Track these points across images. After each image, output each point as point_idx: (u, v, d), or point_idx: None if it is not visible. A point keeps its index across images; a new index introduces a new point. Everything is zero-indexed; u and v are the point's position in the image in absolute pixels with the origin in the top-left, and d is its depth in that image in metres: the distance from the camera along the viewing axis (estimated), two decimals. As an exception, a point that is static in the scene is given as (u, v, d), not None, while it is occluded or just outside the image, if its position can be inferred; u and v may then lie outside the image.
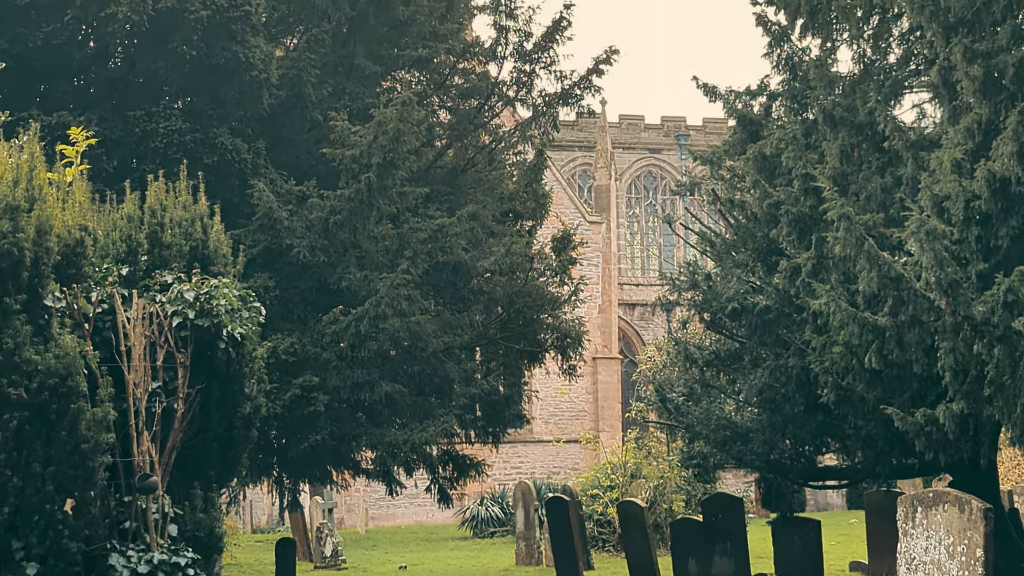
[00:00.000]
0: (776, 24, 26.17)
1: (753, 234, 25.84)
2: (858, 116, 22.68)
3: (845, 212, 19.94)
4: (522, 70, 30.64)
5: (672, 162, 78.36)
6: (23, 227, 14.68)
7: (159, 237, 18.19)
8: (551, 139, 31.62)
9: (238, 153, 25.52)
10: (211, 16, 24.74)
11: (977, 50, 19.39)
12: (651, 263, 78.01)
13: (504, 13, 30.50)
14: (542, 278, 30.10)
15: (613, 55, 30.29)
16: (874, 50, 24.30)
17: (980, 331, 18.56)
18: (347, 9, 28.16)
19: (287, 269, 25.55)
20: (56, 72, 25.75)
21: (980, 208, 19.01)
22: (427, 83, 30.63)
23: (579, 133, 73.57)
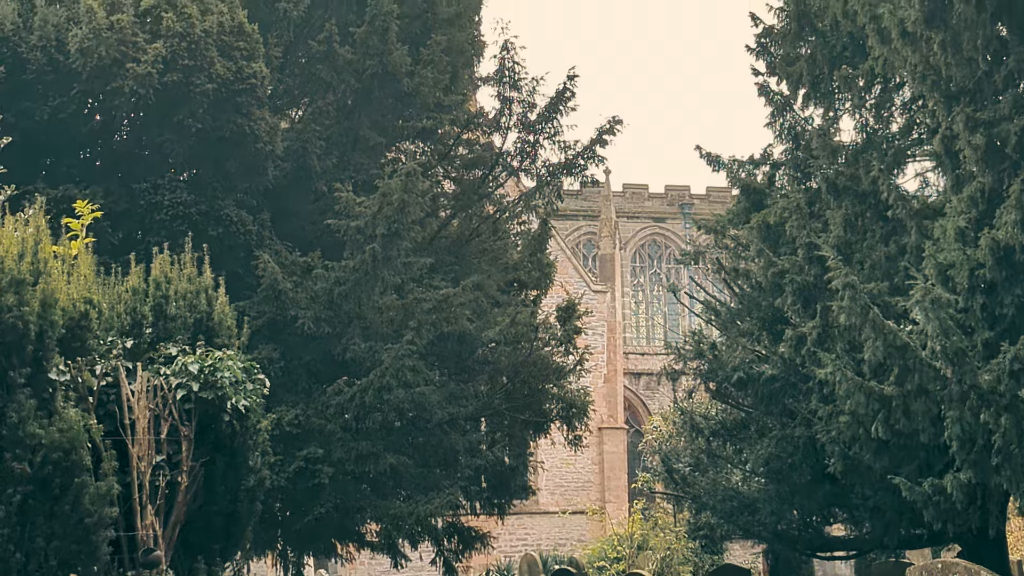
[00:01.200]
0: (778, 94, 26.36)
1: (758, 303, 25.85)
2: (861, 185, 22.74)
3: (850, 281, 19.95)
4: (526, 140, 30.75)
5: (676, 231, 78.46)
6: (28, 301, 14.68)
7: (164, 309, 18.19)
8: (555, 208, 31.67)
9: (243, 225, 25.59)
10: (217, 89, 24.93)
11: (979, 119, 19.47)
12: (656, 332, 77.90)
13: (508, 84, 30.66)
14: (547, 348, 30.01)
15: (616, 125, 30.40)
16: (876, 119, 24.44)
17: (987, 400, 18.49)
18: (352, 81, 28.35)
19: (292, 340, 25.53)
20: (62, 145, 25.89)
21: (985, 276, 19.01)
22: (431, 154, 30.74)
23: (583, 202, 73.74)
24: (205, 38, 24.97)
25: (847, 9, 22.75)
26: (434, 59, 29.38)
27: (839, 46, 24.63)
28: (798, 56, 25.61)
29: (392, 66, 28.28)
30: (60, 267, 15.85)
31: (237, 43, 25.57)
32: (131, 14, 24.97)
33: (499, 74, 30.71)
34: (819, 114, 25.49)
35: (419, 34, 30.13)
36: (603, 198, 71.56)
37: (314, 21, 28.78)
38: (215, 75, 24.94)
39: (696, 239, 63.04)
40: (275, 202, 27.24)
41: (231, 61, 25.35)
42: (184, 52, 24.78)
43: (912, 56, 20.15)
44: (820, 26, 25.04)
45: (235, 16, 25.72)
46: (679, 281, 75.10)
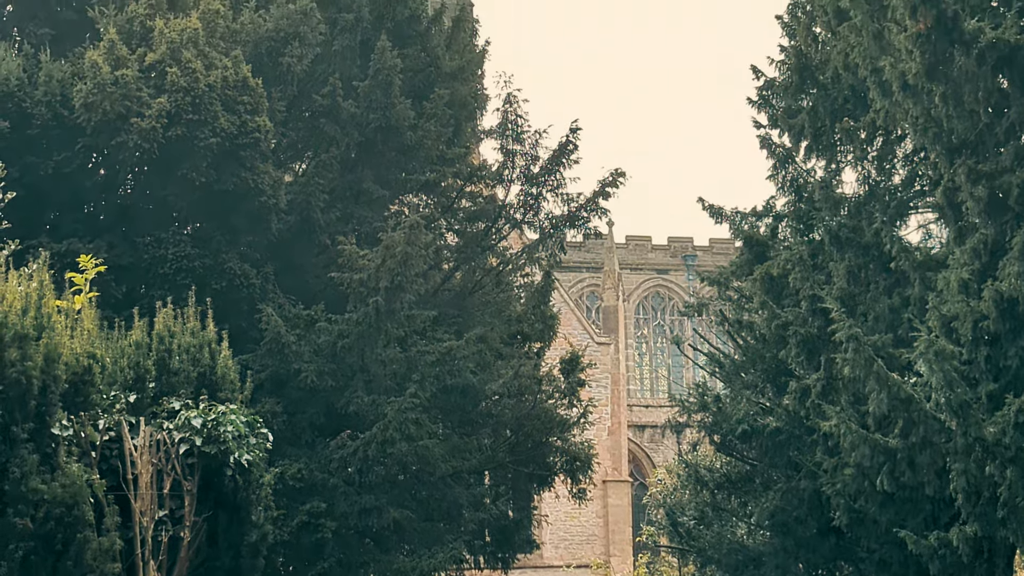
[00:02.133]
0: (780, 146, 26.43)
1: (762, 355, 25.82)
2: (864, 237, 22.77)
3: (853, 333, 19.94)
4: (529, 193, 30.83)
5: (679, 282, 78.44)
6: (31, 356, 14.68)
7: (167, 364, 18.18)
8: (558, 261, 31.71)
9: (247, 278, 25.61)
10: (220, 143, 25.01)
11: (981, 171, 19.51)
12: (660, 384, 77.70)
13: (511, 137, 30.78)
14: (551, 400, 29.97)
15: (619, 178, 30.47)
16: (879, 171, 24.50)
17: (992, 452, 18.43)
18: (355, 135, 28.45)
19: (295, 394, 25.48)
20: (66, 199, 25.96)
21: (988, 328, 18.99)
22: (435, 206, 30.81)
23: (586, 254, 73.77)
24: (209, 92, 25.08)
25: (848, 62, 22.85)
26: (437, 112, 29.50)
27: (840, 99, 24.72)
28: (800, 109, 25.71)
29: (395, 119, 28.40)
30: (64, 321, 15.86)
31: (241, 97, 25.68)
32: (136, 69, 25.09)
33: (502, 127, 30.84)
34: (821, 166, 25.56)
35: (422, 87, 30.27)
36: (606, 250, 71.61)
37: (318, 75, 28.91)
38: (219, 129, 25.03)
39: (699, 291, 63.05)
40: (279, 255, 27.27)
41: (235, 115, 25.45)
42: (188, 106, 24.88)
43: (913, 108, 20.21)
44: (821, 79, 25.15)
45: (239, 71, 25.84)
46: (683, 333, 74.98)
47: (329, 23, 29.00)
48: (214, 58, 25.75)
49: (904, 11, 19.50)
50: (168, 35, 25.46)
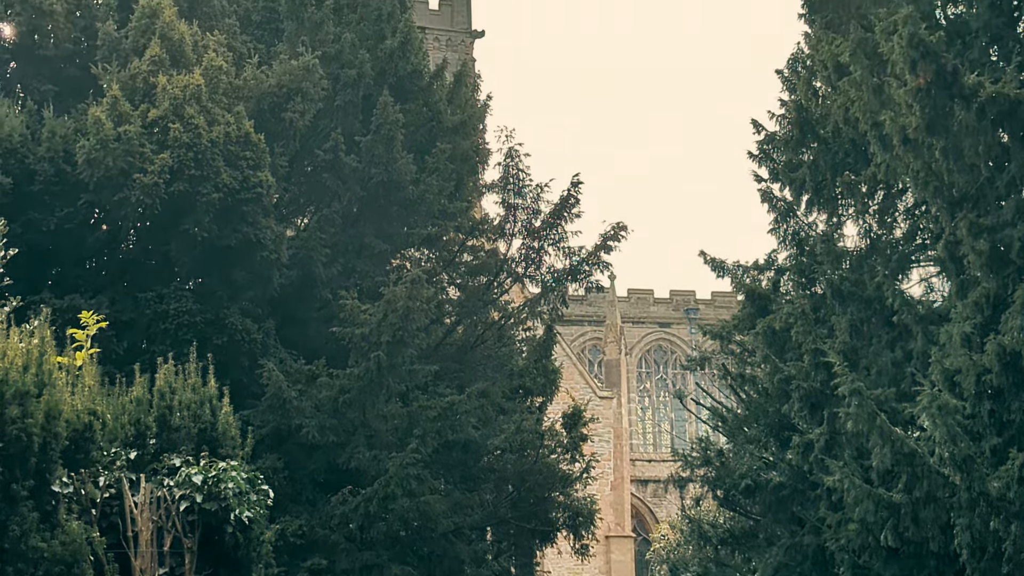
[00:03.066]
0: (781, 200, 26.43)
1: (765, 409, 25.72)
2: (866, 291, 22.73)
3: (856, 387, 19.87)
4: (531, 247, 30.88)
5: (682, 336, 78.41)
6: (32, 412, 14.62)
7: (168, 420, 18.12)
8: (560, 314, 31.73)
9: (248, 333, 25.59)
10: (223, 199, 25.06)
11: (982, 225, 19.49)
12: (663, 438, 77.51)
13: (512, 191, 30.88)
14: (553, 455, 29.89)
15: (621, 231, 30.52)
16: (880, 225, 24.48)
17: (996, 507, 18.32)
18: (357, 190, 28.53)
19: (296, 449, 25.40)
20: (69, 255, 25.99)
21: (991, 382, 18.92)
22: (436, 261, 30.86)
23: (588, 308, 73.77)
24: (212, 148, 25.16)
25: (848, 116, 22.89)
26: (439, 167, 29.61)
27: (841, 153, 24.74)
28: (801, 162, 25.73)
29: (397, 174, 28.49)
30: (65, 378, 15.81)
31: (243, 152, 25.76)
32: (138, 125, 25.18)
33: (503, 181, 30.94)
34: (823, 220, 25.54)
35: (424, 142, 30.39)
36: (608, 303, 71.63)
37: (320, 130, 29.03)
38: (221, 184, 25.09)
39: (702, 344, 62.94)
40: (280, 310, 27.27)
41: (237, 171, 25.52)
42: (191, 162, 24.95)
43: (914, 162, 20.23)
44: (822, 133, 25.18)
45: (242, 126, 25.93)
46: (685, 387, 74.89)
47: (331, 79, 29.14)
48: (217, 114, 25.85)
49: (904, 66, 19.54)
50: (171, 91, 25.57)
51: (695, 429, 72.21)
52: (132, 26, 27.59)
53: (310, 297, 28.03)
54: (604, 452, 63.34)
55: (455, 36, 71.88)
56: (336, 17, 30.97)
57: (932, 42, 19.02)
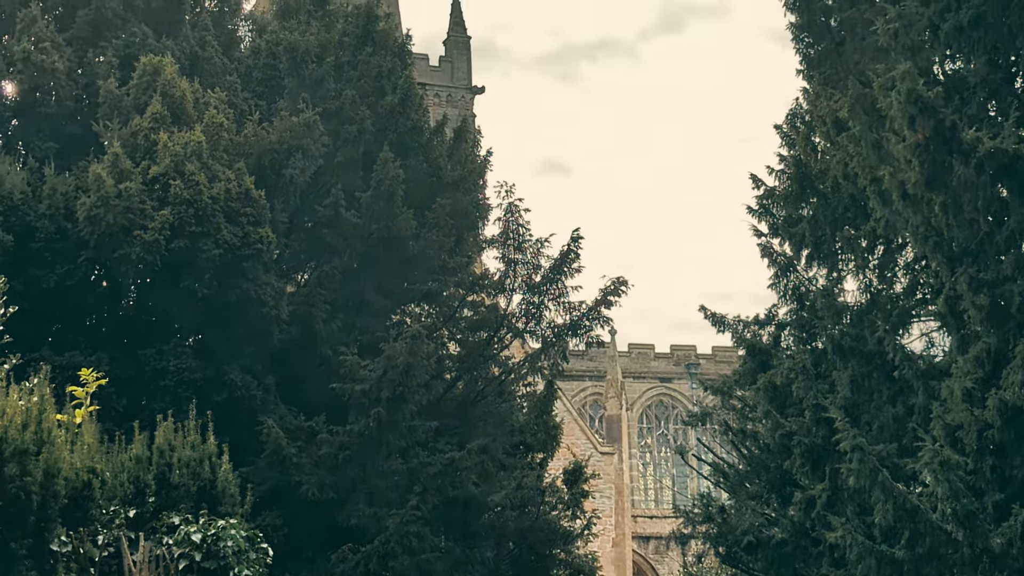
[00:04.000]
0: (781, 255, 26.47)
1: (766, 465, 25.66)
2: (867, 346, 22.72)
3: (858, 443, 19.82)
4: (531, 302, 30.85)
5: (683, 391, 78.27)
6: (31, 471, 14.58)
7: (167, 478, 18.06)
8: (561, 370, 31.64)
9: (248, 390, 25.53)
10: (223, 255, 25.08)
11: (982, 280, 19.49)
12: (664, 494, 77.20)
13: (512, 246, 30.88)
14: (554, 512, 29.74)
15: (621, 286, 30.50)
16: (880, 280, 24.49)
17: (999, 563, 18.23)
18: (357, 245, 28.54)
19: (296, 507, 25.28)
20: (69, 312, 25.97)
21: (993, 438, 18.86)
22: (436, 316, 30.82)
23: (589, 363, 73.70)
24: (212, 204, 25.21)
25: (848, 171, 22.96)
26: (439, 222, 29.64)
27: (840, 207, 24.81)
28: (800, 217, 25.80)
29: (397, 230, 28.53)
30: (64, 436, 15.78)
31: (244, 209, 25.81)
32: (139, 182, 25.23)
33: (504, 236, 30.95)
34: (823, 275, 25.57)
35: (424, 198, 30.43)
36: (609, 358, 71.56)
37: (321, 186, 29.10)
38: (222, 241, 25.11)
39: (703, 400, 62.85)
40: (280, 366, 27.22)
41: (238, 227, 25.55)
42: (191, 219, 24.99)
43: (913, 217, 20.26)
44: (821, 188, 25.26)
45: (242, 183, 26.00)
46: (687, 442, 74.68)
47: (332, 135, 29.24)
48: (217, 170, 25.92)
49: (902, 121, 19.61)
50: (172, 148, 25.65)
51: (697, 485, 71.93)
52: (133, 84, 27.72)
53: (310, 353, 27.97)
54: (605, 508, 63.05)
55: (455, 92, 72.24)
56: (337, 74, 31.13)
57: (930, 98, 19.10)
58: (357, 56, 31.74)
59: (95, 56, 29.62)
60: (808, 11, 24.69)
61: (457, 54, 73.66)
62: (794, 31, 24.94)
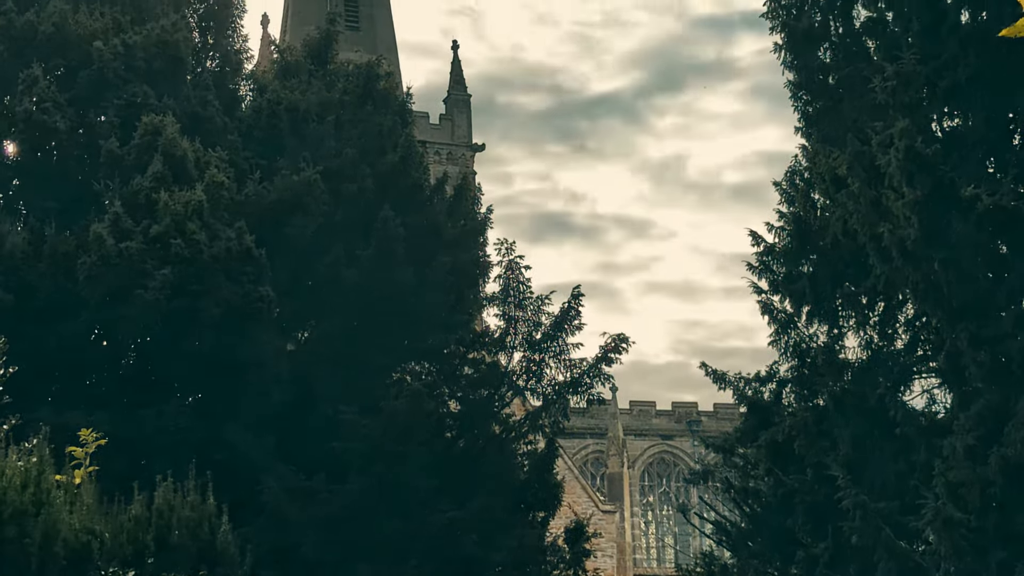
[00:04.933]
0: (782, 312, 26.46)
1: (769, 523, 25.54)
2: (868, 403, 22.68)
3: (860, 500, 19.76)
4: (532, 359, 30.85)
5: (685, 448, 77.95)
6: (30, 532, 14.50)
7: (166, 538, 17.93)
8: (562, 428, 31.58)
9: (248, 449, 25.45)
10: (224, 314, 25.07)
11: (983, 336, 19.49)
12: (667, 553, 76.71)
13: (513, 304, 30.91)
14: (556, 571, 29.56)
15: (622, 343, 30.49)
16: (881, 336, 24.48)
17: (1004, 622, 18.12)
18: (358, 304, 28.54)
19: (296, 567, 25.13)
20: (69, 371, 25.95)
21: (996, 495, 18.79)
22: (437, 374, 30.78)
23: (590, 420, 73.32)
24: (213, 264, 25.23)
25: (847, 228, 23.02)
26: (439, 280, 29.65)
27: (841, 264, 24.83)
28: (800, 274, 25.81)
29: (398, 288, 28.53)
30: (63, 497, 15.70)
31: (245, 268, 25.83)
32: (140, 241, 25.27)
33: (504, 294, 30.99)
34: (823, 331, 25.54)
35: (425, 255, 30.46)
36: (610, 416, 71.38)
37: (321, 244, 29.12)
38: (222, 300, 25.12)
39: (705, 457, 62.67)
40: (280, 425, 27.14)
41: (238, 285, 25.57)
42: (192, 278, 25.02)
43: (913, 274, 20.30)
44: (821, 244, 25.29)
45: (243, 241, 26.04)
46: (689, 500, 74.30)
47: (332, 193, 29.31)
48: (218, 229, 25.97)
49: (901, 178, 19.70)
50: (172, 207, 25.72)
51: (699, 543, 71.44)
52: (134, 143, 27.81)
53: (310, 412, 27.90)
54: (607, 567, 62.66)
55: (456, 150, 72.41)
56: (337, 133, 31.26)
57: (929, 155, 19.18)
58: (358, 115, 31.88)
59: (96, 116, 29.75)
60: (806, 69, 24.81)
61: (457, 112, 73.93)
62: (792, 89, 25.06)
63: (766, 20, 25.08)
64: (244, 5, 34.00)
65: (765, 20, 25.09)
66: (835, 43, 24.53)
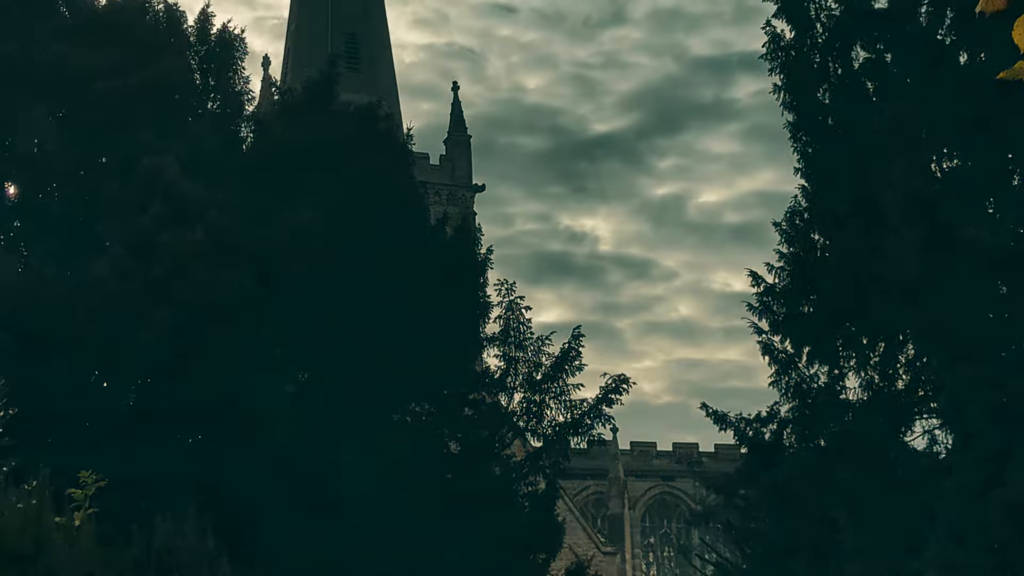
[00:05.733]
0: (782, 352, 26.44)
1: (770, 565, 25.44)
2: (870, 444, 22.63)
3: (862, 542, 19.68)
4: (532, 400, 30.82)
5: (686, 489, 77.76)
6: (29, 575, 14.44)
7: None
8: (562, 469, 31.52)
9: (248, 490, 25.37)
10: (224, 355, 25.05)
11: (984, 377, 19.47)
12: (668, 594, 76.45)
13: (513, 344, 30.90)
14: (557, 613, 29.46)
15: (623, 384, 30.47)
16: (882, 377, 24.46)
17: (1008, 665, 18.02)
18: (357, 345, 28.51)
19: (296, 607, 25.05)
20: (69, 413, 25.86)
21: (998, 536, 18.72)
22: (437, 415, 30.72)
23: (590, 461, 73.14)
24: (213, 305, 25.22)
25: (847, 269, 23.04)
26: (440, 321, 29.62)
27: (841, 304, 24.83)
28: (800, 315, 25.80)
29: (398, 328, 28.50)
30: (62, 539, 15.65)
31: (245, 309, 25.82)
32: (140, 282, 25.28)
33: (504, 334, 30.98)
34: (824, 372, 25.52)
35: (425, 295, 30.44)
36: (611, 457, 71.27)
37: (322, 286, 29.11)
38: (222, 341, 25.10)
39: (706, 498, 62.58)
40: (280, 466, 27.05)
41: (239, 327, 25.55)
42: (192, 319, 24.99)
43: (914, 315, 20.31)
44: (821, 284, 25.30)
45: (245, 283, 26.03)
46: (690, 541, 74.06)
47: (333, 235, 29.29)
48: (218, 271, 25.96)
49: (901, 219, 19.73)
50: (173, 248, 25.72)
51: (701, 584, 71.22)
52: (135, 184, 27.84)
53: (310, 453, 27.82)
54: (609, 609, 62.44)
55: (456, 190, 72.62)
56: (338, 174, 31.27)
57: (928, 196, 19.23)
58: (359, 156, 31.92)
59: (98, 157, 29.81)
60: (805, 110, 24.90)
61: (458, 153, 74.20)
62: (792, 129, 25.14)
63: (765, 61, 25.21)
64: (246, 47, 34.11)
65: (764, 61, 25.23)
66: (834, 84, 24.64)
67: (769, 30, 25.47)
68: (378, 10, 75.39)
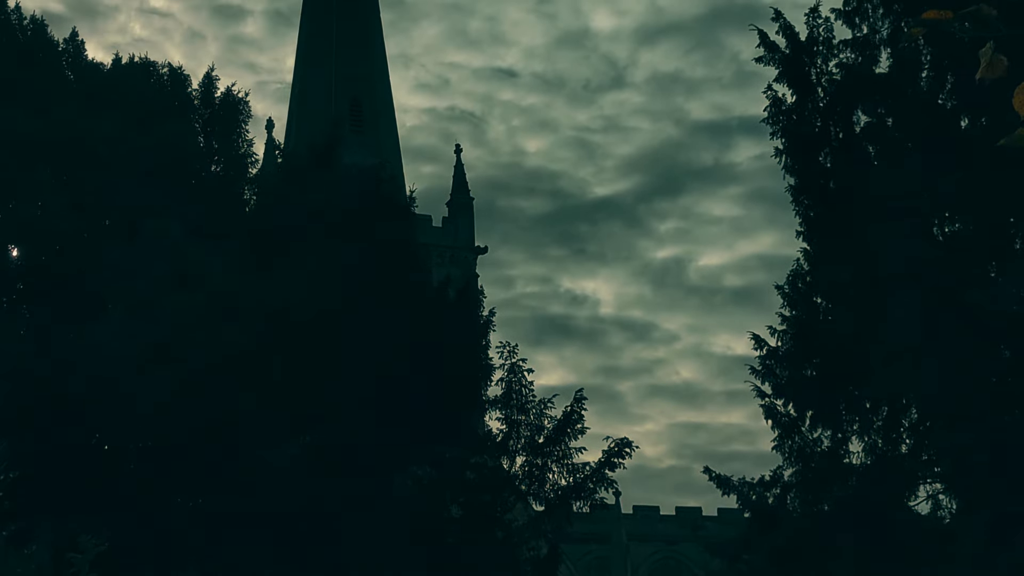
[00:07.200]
0: (786, 415, 26.32)
1: (775, 631, 25.24)
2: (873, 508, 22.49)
3: (867, 608, 19.54)
4: (534, 464, 30.66)
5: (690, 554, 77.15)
6: (25, 639, 14.35)
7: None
8: (564, 533, 31.32)
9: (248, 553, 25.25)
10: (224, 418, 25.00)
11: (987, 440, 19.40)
12: (673, 663, 75.70)
13: (515, 407, 30.80)
14: None
15: (625, 448, 30.35)
16: (885, 441, 24.35)
17: None
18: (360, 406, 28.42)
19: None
20: (69, 477, 25.77)
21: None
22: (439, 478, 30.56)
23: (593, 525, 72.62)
24: (214, 367, 25.19)
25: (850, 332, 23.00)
26: (442, 384, 29.56)
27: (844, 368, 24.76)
28: (803, 378, 25.71)
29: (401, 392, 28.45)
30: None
31: (248, 370, 25.79)
32: (143, 344, 25.26)
33: (506, 397, 30.89)
34: (827, 436, 25.40)
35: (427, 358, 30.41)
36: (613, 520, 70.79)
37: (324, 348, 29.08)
38: (223, 403, 25.05)
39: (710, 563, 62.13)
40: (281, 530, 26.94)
41: (242, 389, 25.51)
42: (195, 381, 24.96)
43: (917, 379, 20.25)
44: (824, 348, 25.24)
45: (245, 344, 26.01)
46: (694, 606, 73.51)
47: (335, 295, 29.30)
48: (220, 332, 25.94)
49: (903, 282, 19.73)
50: (175, 311, 25.71)
51: (706, 651, 70.64)
52: (138, 246, 27.87)
53: (312, 517, 27.69)
54: (612, 674, 61.89)
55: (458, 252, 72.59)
56: (341, 236, 31.32)
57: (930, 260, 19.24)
58: (362, 218, 31.97)
59: (102, 219, 29.87)
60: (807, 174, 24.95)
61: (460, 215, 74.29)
62: (793, 193, 25.18)
63: (766, 125, 25.29)
64: (249, 110, 34.26)
65: (765, 125, 25.30)
66: (836, 148, 24.70)
67: (770, 94, 25.56)
68: (381, 74, 75.71)
